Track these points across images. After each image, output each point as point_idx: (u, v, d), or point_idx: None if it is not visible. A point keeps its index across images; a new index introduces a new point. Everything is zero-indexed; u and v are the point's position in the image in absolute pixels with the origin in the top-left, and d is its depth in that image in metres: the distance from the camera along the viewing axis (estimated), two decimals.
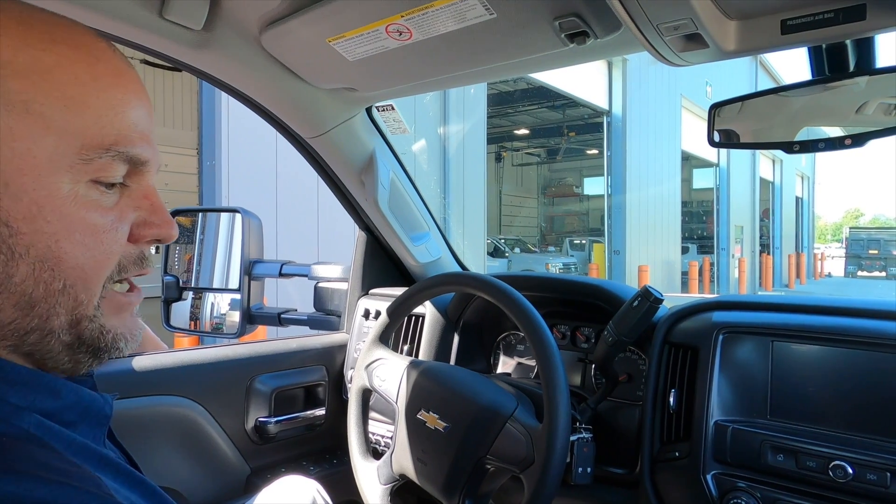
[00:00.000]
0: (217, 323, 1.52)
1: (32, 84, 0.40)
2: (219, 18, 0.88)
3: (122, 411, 1.07)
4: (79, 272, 0.43)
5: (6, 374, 0.41)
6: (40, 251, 0.41)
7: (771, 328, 0.91)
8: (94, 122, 0.42)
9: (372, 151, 1.25)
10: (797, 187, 25.09)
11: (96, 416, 0.46)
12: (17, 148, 0.39)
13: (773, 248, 20.96)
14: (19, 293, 0.41)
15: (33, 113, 0.40)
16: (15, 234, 0.40)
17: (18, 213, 0.40)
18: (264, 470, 1.28)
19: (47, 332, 0.43)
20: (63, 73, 0.41)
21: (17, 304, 0.41)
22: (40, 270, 0.41)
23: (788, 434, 0.84)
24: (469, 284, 1.00)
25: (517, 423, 0.89)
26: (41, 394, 0.42)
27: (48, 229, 0.41)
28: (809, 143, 0.80)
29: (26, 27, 0.41)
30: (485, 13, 0.76)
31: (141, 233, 0.47)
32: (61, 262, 0.41)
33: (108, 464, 0.43)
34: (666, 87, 13.00)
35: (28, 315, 0.41)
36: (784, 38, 0.69)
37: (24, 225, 0.40)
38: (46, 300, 0.42)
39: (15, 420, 0.39)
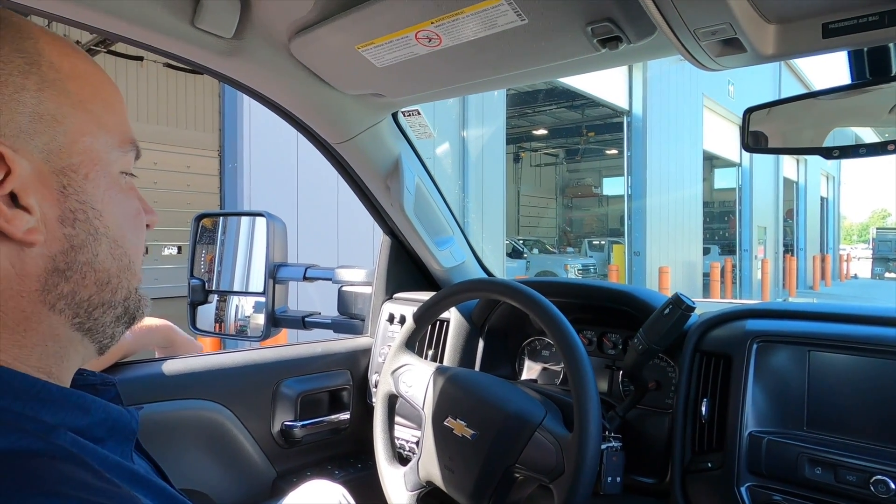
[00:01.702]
0: (241, 325, 1.54)
1: (82, 86, 0.45)
2: (249, 26, 0.89)
3: (151, 415, 1.08)
4: (135, 249, 0.49)
5: (38, 392, 0.41)
6: (114, 231, 0.46)
7: (808, 337, 0.89)
8: (122, 120, 0.48)
9: (398, 156, 1.25)
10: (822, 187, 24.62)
11: (123, 431, 0.47)
12: (86, 142, 0.45)
13: (798, 249, 20.59)
14: (101, 270, 0.46)
15: (90, 112, 0.45)
16: (99, 216, 0.45)
17: (98, 198, 0.45)
18: (290, 474, 1.29)
19: (110, 306, 0.47)
20: (94, 77, 0.47)
21: (98, 280, 0.45)
22: (114, 248, 0.46)
23: (827, 447, 0.82)
24: (497, 291, 1.00)
25: (546, 432, 0.89)
26: (72, 411, 0.43)
27: (116, 211, 0.47)
28: (850, 148, 0.78)
29: (53, 36, 0.46)
30: (516, 19, 0.76)
31: None
32: (126, 240, 0.47)
33: (138, 480, 0.43)
34: (687, 87, 12.84)
35: (103, 290, 0.46)
36: (825, 42, 0.67)
37: (103, 207, 0.45)
38: (118, 276, 0.47)
39: (51, 438, 0.39)
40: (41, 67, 0.43)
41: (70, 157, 0.43)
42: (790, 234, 21.00)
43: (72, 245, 0.44)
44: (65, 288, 0.44)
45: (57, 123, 0.43)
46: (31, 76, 0.42)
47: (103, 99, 0.47)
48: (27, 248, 0.42)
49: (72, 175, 0.43)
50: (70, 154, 0.43)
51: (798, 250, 20.47)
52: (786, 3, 0.65)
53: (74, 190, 0.44)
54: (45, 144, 0.42)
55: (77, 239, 0.44)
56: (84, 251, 0.44)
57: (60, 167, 0.43)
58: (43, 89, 0.42)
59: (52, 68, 0.43)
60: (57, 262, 0.43)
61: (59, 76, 0.43)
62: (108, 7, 0.77)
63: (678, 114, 12.65)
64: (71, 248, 0.44)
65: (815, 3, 0.64)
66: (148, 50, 0.89)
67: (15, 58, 0.42)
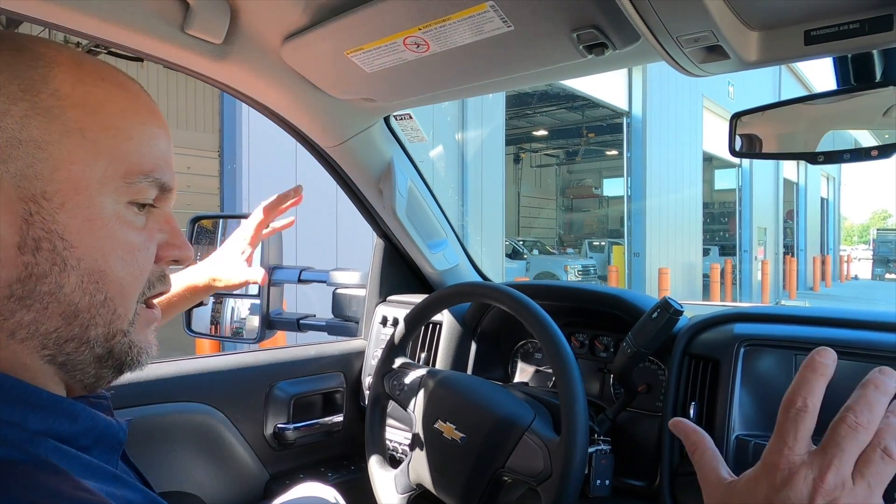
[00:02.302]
0: (237, 328, 1.54)
1: (87, 114, 0.45)
2: (239, 32, 0.89)
3: (144, 418, 1.08)
4: (118, 286, 0.46)
5: (28, 397, 0.42)
6: (89, 264, 0.44)
7: (795, 341, 0.89)
8: (136, 151, 0.47)
9: (390, 160, 1.25)
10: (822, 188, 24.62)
11: (110, 441, 0.47)
12: (73, 171, 0.44)
13: (798, 250, 20.59)
14: (67, 303, 0.44)
15: (88, 139, 0.45)
16: (69, 248, 0.43)
17: (73, 228, 0.44)
18: (283, 476, 1.29)
19: (84, 342, 0.46)
20: (112, 106, 0.47)
21: (63, 313, 0.44)
22: (87, 282, 0.45)
23: None
24: (486, 295, 1.00)
25: (534, 435, 0.89)
26: (59, 418, 0.43)
27: (96, 244, 0.45)
28: (834, 154, 0.78)
29: (80, 66, 0.46)
30: (502, 26, 0.76)
31: (164, 253, 0.51)
32: (105, 275, 0.45)
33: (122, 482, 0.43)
34: (687, 88, 12.84)
35: (71, 324, 0.45)
36: (808, 49, 0.68)
37: (77, 239, 0.44)
38: (89, 310, 0.45)
39: (31, 448, 0.39)
40: (38, 95, 0.43)
41: (46, 185, 0.43)
42: (790, 235, 21.00)
43: (31, 273, 0.42)
44: (26, 317, 0.43)
45: (39, 150, 0.43)
46: (21, 103, 0.42)
47: (115, 127, 0.46)
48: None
49: (43, 203, 0.43)
50: (48, 181, 0.43)
51: (798, 251, 20.47)
52: (768, 11, 0.66)
53: (42, 218, 0.42)
54: (20, 170, 0.42)
55: (38, 268, 0.43)
56: (46, 281, 0.43)
57: (32, 194, 0.42)
58: (31, 116, 0.42)
59: (54, 96, 0.44)
60: (13, 289, 0.42)
61: (59, 104, 0.44)
62: (99, 13, 0.77)
63: (678, 115, 12.66)
64: (30, 276, 0.42)
65: (797, 10, 0.65)
66: (141, 56, 0.90)
67: (9, 84, 0.42)
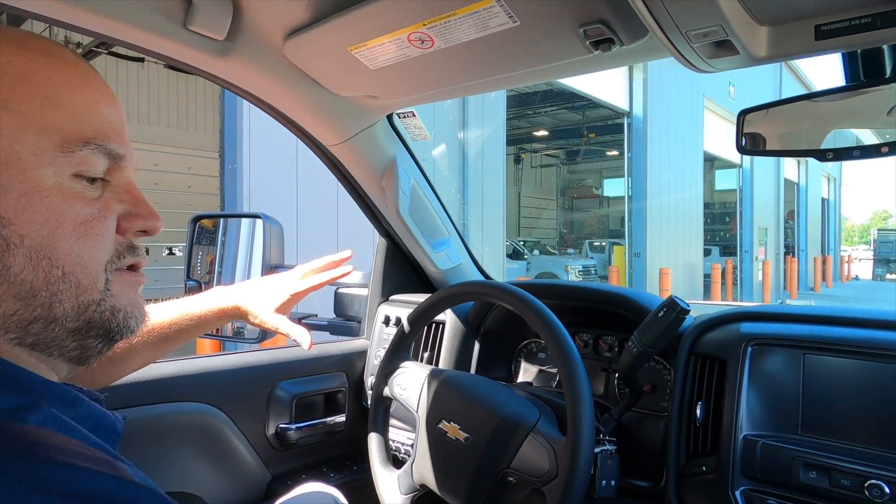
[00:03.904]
0: (238, 328, 1.53)
1: (7, 86, 0.43)
2: (241, 28, 0.88)
3: (146, 418, 1.08)
4: (76, 258, 0.44)
5: (21, 381, 0.41)
6: (35, 240, 0.43)
7: (802, 340, 0.88)
8: (71, 119, 0.45)
9: (393, 158, 1.24)
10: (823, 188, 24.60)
11: (107, 431, 0.46)
12: (1, 144, 0.42)
13: (799, 250, 20.57)
14: (19, 283, 0.42)
15: (12, 111, 0.42)
16: (8, 225, 0.42)
17: (9, 205, 0.42)
18: (285, 476, 1.28)
19: (51, 321, 0.44)
20: (36, 74, 0.44)
21: (17, 294, 0.42)
22: (37, 259, 0.43)
23: (821, 450, 0.81)
24: (490, 294, 0.99)
25: (540, 436, 0.88)
26: (56, 402, 0.42)
27: (38, 219, 0.43)
28: (844, 150, 0.77)
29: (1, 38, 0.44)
30: (508, 21, 0.75)
31: (127, 224, 0.49)
32: (56, 249, 0.43)
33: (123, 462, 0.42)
34: (688, 88, 12.83)
35: (31, 305, 0.43)
36: (818, 44, 0.67)
37: (14, 216, 0.42)
38: (48, 288, 0.43)
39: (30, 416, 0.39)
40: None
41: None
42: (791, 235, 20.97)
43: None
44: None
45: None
46: None
47: (42, 96, 0.44)
48: None
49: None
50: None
51: (799, 251, 20.44)
52: (778, 5, 0.65)
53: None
54: None
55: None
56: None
57: None
58: None
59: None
60: None
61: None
62: (101, 9, 0.76)
63: (679, 115, 12.65)
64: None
65: (808, 4, 0.64)
66: (140, 52, 0.89)
67: None
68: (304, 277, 1.01)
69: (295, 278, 1.00)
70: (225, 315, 0.96)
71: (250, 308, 0.96)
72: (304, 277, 1.01)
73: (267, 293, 0.97)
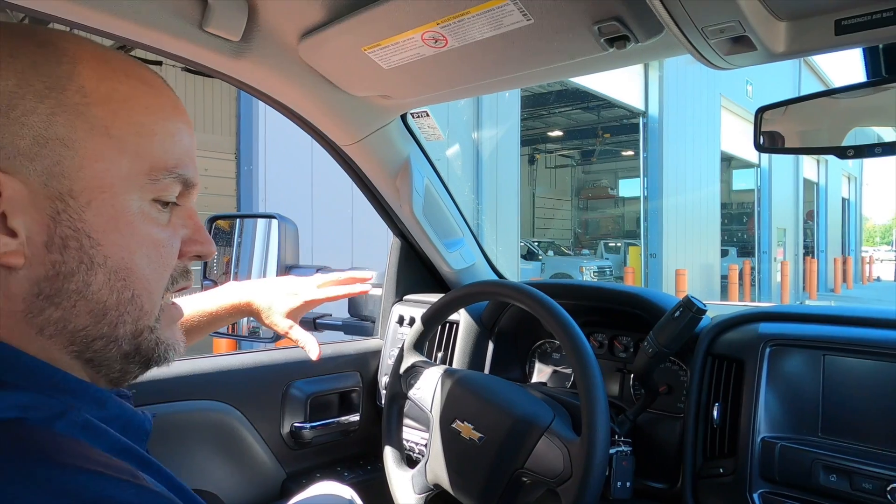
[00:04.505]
0: (254, 327, 1.54)
1: (112, 111, 0.44)
2: (257, 29, 0.89)
3: (162, 416, 1.09)
4: (144, 283, 0.46)
5: (57, 381, 0.42)
6: (115, 262, 0.45)
7: (822, 341, 0.87)
8: (159, 147, 0.47)
9: (407, 158, 1.24)
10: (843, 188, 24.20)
11: (136, 430, 0.47)
12: (98, 168, 0.44)
13: (818, 251, 20.25)
14: (95, 301, 0.44)
15: (113, 137, 0.44)
16: (96, 245, 0.44)
17: (99, 227, 0.44)
18: (299, 475, 1.29)
19: (112, 340, 0.46)
20: (136, 103, 0.46)
21: (91, 311, 0.44)
22: (114, 280, 0.45)
23: (842, 453, 0.80)
24: (505, 293, 0.99)
25: (554, 436, 0.88)
26: (88, 403, 0.43)
27: (122, 242, 0.45)
28: (865, 147, 0.76)
29: (104, 62, 0.46)
30: (522, 19, 0.75)
31: (187, 249, 0.51)
32: (132, 272, 0.45)
33: (147, 464, 0.43)
34: (705, 87, 12.70)
35: (100, 323, 0.45)
36: (838, 40, 0.66)
37: (103, 237, 0.44)
38: (117, 308, 0.45)
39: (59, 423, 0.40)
40: (64, 92, 0.43)
41: (73, 183, 0.43)
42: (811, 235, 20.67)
43: (58, 272, 0.43)
44: (54, 314, 0.43)
45: (65, 148, 0.42)
46: (48, 100, 0.42)
47: (139, 124, 0.46)
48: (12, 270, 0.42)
49: (70, 201, 0.43)
50: (74, 179, 0.43)
51: (819, 252, 20.14)
52: (797, 0, 0.64)
53: (69, 217, 0.43)
54: (47, 168, 0.42)
55: (65, 266, 0.43)
56: (73, 280, 0.43)
57: (59, 192, 0.42)
58: (57, 114, 0.42)
59: (80, 93, 0.43)
60: (42, 287, 0.42)
61: (84, 101, 0.43)
62: (118, 11, 0.77)
63: (695, 114, 12.52)
64: (57, 274, 0.43)
65: None
66: (157, 54, 0.90)
67: (35, 81, 0.42)
68: (321, 286, 1.02)
69: (311, 286, 1.01)
70: (238, 311, 0.98)
71: (262, 306, 0.97)
72: (321, 286, 1.02)
73: (280, 295, 0.98)
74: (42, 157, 0.42)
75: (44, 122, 0.42)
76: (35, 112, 0.41)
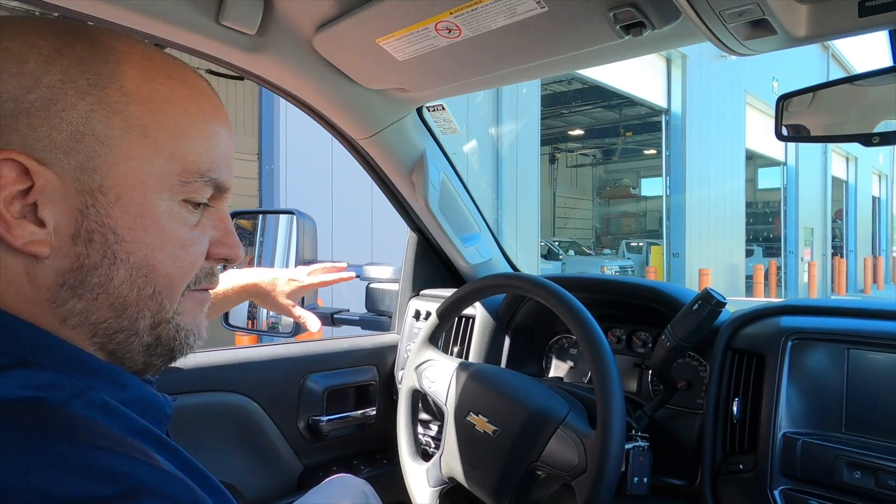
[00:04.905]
0: (273, 322, 1.56)
1: (150, 112, 0.45)
2: (272, 23, 0.90)
3: (181, 406, 1.10)
4: (167, 280, 0.47)
5: (80, 363, 0.43)
6: (139, 258, 0.45)
7: (846, 335, 0.84)
8: (195, 150, 0.47)
9: (422, 152, 1.24)
10: (874, 186, 23.58)
11: (157, 414, 0.48)
12: (131, 166, 0.44)
13: (847, 250, 19.79)
14: (116, 295, 0.45)
15: (148, 136, 0.45)
16: (120, 242, 0.44)
17: (125, 223, 0.44)
18: (316, 468, 1.30)
19: (133, 333, 0.46)
20: (175, 104, 0.47)
21: (112, 305, 0.45)
22: (136, 276, 0.45)
23: (867, 449, 0.78)
24: (519, 286, 0.98)
25: (569, 430, 0.87)
26: (110, 385, 0.44)
27: (147, 240, 0.45)
28: (891, 134, 0.74)
29: (148, 62, 0.46)
30: (536, 7, 0.74)
31: (215, 251, 0.51)
32: (154, 269, 0.46)
33: (164, 446, 0.44)
34: (729, 83, 12.49)
35: (120, 316, 0.45)
36: (862, 22, 0.64)
37: (128, 234, 0.45)
38: (137, 304, 0.46)
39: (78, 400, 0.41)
40: (105, 90, 0.43)
41: (104, 179, 0.43)
42: (839, 235, 20.19)
43: (82, 264, 0.44)
44: (77, 305, 0.44)
45: (100, 144, 0.43)
46: (89, 97, 0.43)
47: (176, 125, 0.46)
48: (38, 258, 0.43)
49: (99, 196, 0.43)
50: (106, 175, 0.44)
51: (848, 252, 19.67)
52: None
53: (97, 211, 0.43)
54: (81, 163, 0.43)
55: (89, 259, 0.44)
56: (96, 273, 0.44)
57: (90, 187, 0.43)
58: (96, 111, 0.43)
59: (121, 91, 0.44)
60: (66, 278, 0.43)
61: (124, 99, 0.44)
62: (135, 6, 0.78)
63: (719, 111, 12.32)
64: (81, 267, 0.43)
65: None
66: (177, 49, 0.91)
67: (79, 78, 0.43)
68: (310, 273, 1.16)
69: (304, 273, 1.15)
70: (245, 292, 1.10)
71: (266, 287, 1.10)
72: (310, 273, 1.16)
73: (279, 280, 1.12)
74: (77, 152, 0.43)
75: (82, 118, 0.43)
76: (75, 108, 0.42)
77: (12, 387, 0.38)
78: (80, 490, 0.33)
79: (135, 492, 0.35)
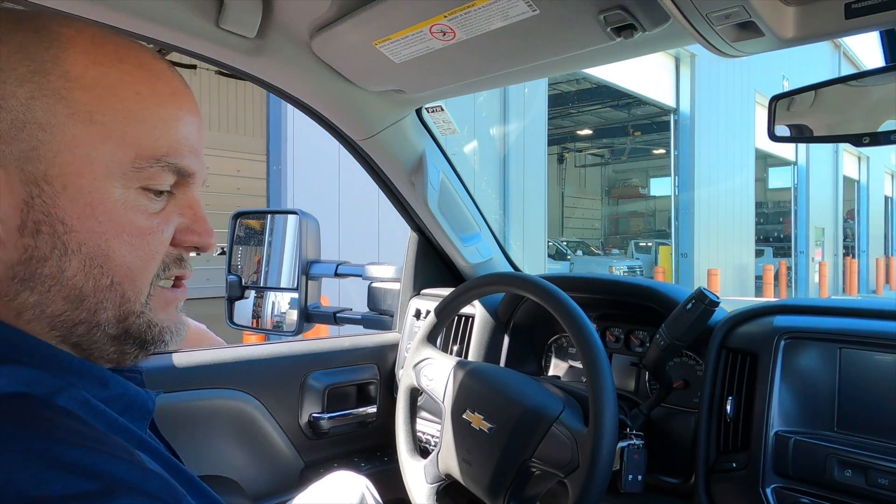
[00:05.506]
0: (278, 321, 1.58)
1: (97, 97, 0.44)
2: (271, 26, 0.91)
3: (183, 403, 1.12)
4: (125, 270, 0.46)
5: (59, 361, 0.43)
6: (91, 248, 0.44)
7: (839, 334, 0.85)
8: (149, 135, 0.45)
9: (422, 152, 1.26)
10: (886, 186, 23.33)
11: (139, 410, 0.48)
12: (78, 153, 0.43)
13: (859, 251, 19.59)
14: (70, 287, 0.44)
15: (96, 123, 0.43)
16: (69, 232, 0.43)
17: (74, 213, 0.43)
18: (317, 465, 1.31)
19: (94, 325, 0.45)
20: (126, 89, 0.45)
21: (67, 297, 0.44)
22: (90, 266, 0.44)
23: (858, 448, 0.78)
24: (514, 284, 0.99)
25: (563, 427, 0.88)
26: (90, 382, 0.44)
27: (99, 229, 0.44)
28: (881, 134, 0.74)
29: (98, 46, 0.45)
30: (527, 10, 0.75)
31: (182, 238, 0.50)
32: (110, 259, 0.45)
33: (144, 446, 0.44)
34: (738, 83, 12.42)
35: (77, 308, 0.44)
36: (849, 24, 0.64)
37: (78, 223, 0.43)
38: (95, 295, 0.45)
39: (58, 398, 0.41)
40: (47, 77, 0.42)
41: (48, 168, 0.42)
42: (851, 235, 20.00)
43: (31, 256, 0.42)
44: (30, 298, 0.43)
45: (43, 132, 0.42)
46: (28, 84, 0.42)
47: (126, 110, 0.44)
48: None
49: (44, 186, 0.42)
50: (50, 164, 0.42)
51: (860, 252, 19.48)
52: None
53: (43, 201, 0.42)
54: (23, 152, 0.42)
55: (38, 251, 0.42)
56: (47, 265, 0.43)
57: (35, 176, 0.42)
58: (37, 97, 0.42)
59: (64, 77, 0.43)
60: (16, 270, 0.42)
61: (67, 85, 0.43)
62: (134, 9, 0.80)
63: (728, 111, 12.25)
64: (30, 259, 0.42)
65: None
66: (177, 52, 0.93)
67: (20, 66, 0.42)
68: None
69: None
70: None
71: None
72: None
73: None
74: (19, 141, 0.41)
75: (23, 106, 0.41)
76: (15, 96, 0.41)
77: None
78: (61, 486, 0.33)
79: (114, 488, 0.35)
